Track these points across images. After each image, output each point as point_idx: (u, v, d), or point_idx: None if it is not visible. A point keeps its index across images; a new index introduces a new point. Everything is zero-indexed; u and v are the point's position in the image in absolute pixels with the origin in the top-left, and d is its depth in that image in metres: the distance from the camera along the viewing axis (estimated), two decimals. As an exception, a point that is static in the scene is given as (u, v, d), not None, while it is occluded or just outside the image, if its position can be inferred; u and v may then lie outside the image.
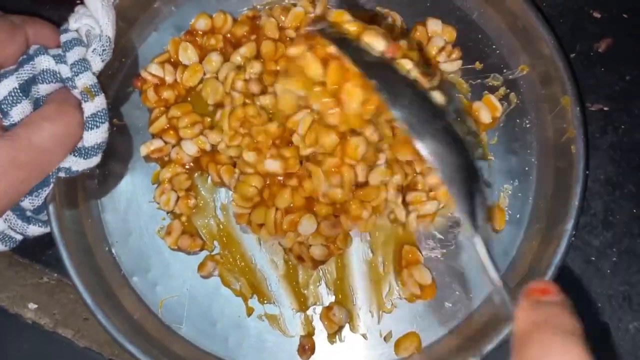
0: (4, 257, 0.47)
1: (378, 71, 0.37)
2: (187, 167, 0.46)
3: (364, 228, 0.44)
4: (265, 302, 0.44)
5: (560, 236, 0.42)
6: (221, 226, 0.45)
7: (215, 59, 0.46)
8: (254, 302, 0.44)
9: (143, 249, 0.45)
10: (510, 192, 0.46)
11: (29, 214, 0.41)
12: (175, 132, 0.46)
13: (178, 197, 0.45)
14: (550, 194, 0.45)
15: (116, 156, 0.46)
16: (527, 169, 0.46)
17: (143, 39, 0.48)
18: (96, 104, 0.40)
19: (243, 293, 0.44)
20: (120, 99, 0.47)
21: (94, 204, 0.46)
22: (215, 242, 0.45)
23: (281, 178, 0.44)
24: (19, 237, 0.42)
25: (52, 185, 0.41)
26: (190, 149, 0.45)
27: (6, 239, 0.41)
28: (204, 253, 0.45)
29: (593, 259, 0.46)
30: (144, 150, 0.46)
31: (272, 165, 0.43)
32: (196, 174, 0.46)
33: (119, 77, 0.47)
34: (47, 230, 0.42)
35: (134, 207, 0.46)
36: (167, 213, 0.46)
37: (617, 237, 0.46)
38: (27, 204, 0.40)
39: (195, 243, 0.45)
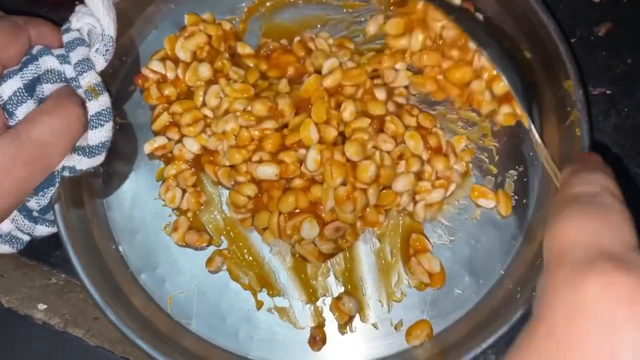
0: (11, 259, 0.48)
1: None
2: (190, 163, 0.46)
3: (379, 229, 0.44)
4: (275, 294, 0.44)
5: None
6: (228, 221, 0.45)
7: (202, 70, 0.46)
8: (263, 295, 0.44)
9: (150, 246, 0.45)
10: (515, 177, 0.45)
11: (35, 214, 0.41)
12: (178, 128, 0.45)
13: (183, 193, 0.45)
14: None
15: (120, 155, 0.46)
16: (531, 154, 0.46)
17: (143, 37, 0.48)
18: (100, 103, 0.40)
19: (252, 287, 0.44)
20: (122, 97, 0.47)
21: (99, 203, 0.46)
22: (223, 237, 0.45)
23: (283, 180, 0.43)
24: (27, 238, 0.42)
25: (57, 185, 0.41)
26: (192, 146, 0.45)
27: (14, 240, 0.41)
28: (212, 248, 0.45)
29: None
30: (147, 147, 0.46)
31: (267, 172, 0.42)
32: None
33: (120, 76, 0.48)
34: (54, 230, 0.42)
35: (140, 204, 0.46)
36: (173, 210, 0.46)
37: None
38: (34, 204, 0.40)
39: (202, 238, 0.45)
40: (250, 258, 0.45)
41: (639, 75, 0.48)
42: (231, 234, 0.45)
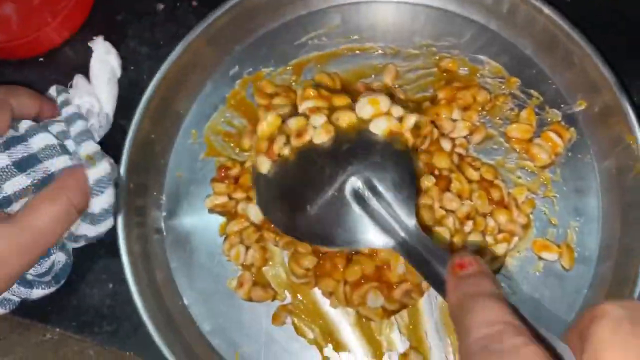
0: (4, 320, 0.48)
1: None
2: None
3: None
4: (340, 350, 0.45)
5: (634, 272, 0.42)
6: (291, 276, 0.46)
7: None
8: (329, 350, 0.45)
9: (216, 301, 0.46)
10: (577, 229, 0.46)
11: (30, 277, 0.42)
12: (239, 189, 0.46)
13: (247, 249, 0.45)
14: (618, 229, 0.44)
15: (182, 208, 0.47)
16: (592, 204, 0.46)
17: (199, 90, 0.49)
18: (99, 170, 0.41)
19: (318, 342, 0.45)
20: (180, 151, 0.48)
21: (162, 259, 0.46)
22: (287, 292, 0.46)
23: None
24: (18, 299, 0.42)
25: (52, 257, 0.42)
26: (256, 216, 0.45)
27: (6, 302, 0.41)
28: (277, 302, 0.45)
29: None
30: (208, 203, 0.46)
31: None
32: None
33: (179, 130, 0.48)
34: (52, 291, 0.43)
35: (203, 259, 0.46)
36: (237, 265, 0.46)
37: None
38: (31, 273, 0.42)
39: (267, 294, 0.45)
40: (315, 313, 0.45)
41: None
42: (294, 288, 0.45)
